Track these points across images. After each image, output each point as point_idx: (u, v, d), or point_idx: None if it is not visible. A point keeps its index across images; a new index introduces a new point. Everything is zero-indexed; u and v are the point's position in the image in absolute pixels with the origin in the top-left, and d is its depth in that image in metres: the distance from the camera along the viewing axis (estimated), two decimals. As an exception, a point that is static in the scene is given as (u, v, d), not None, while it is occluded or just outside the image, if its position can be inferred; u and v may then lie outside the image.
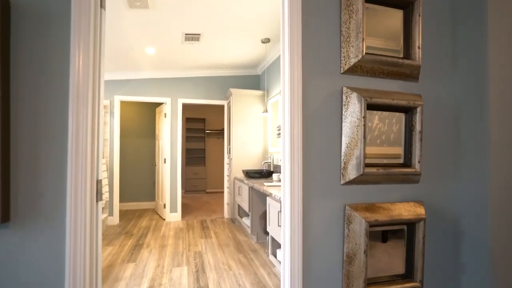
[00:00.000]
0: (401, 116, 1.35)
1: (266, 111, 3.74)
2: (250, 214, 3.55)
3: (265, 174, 3.92)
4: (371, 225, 1.21)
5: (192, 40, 3.52)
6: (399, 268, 1.33)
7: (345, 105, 1.26)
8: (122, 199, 5.68)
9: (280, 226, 2.34)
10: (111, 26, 3.04)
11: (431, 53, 1.42)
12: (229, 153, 4.69)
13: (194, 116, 8.05)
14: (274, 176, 3.65)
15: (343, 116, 1.27)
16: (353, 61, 1.24)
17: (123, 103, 5.80)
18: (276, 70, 4.22)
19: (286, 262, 1.21)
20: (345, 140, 1.26)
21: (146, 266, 2.85)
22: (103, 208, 4.40)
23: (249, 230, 3.67)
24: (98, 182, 1.10)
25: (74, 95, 1.02)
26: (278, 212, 2.36)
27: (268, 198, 2.71)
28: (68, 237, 0.98)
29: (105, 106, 4.46)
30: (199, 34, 3.38)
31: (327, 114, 1.26)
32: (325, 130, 1.26)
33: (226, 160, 5.00)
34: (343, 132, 1.27)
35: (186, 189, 7.71)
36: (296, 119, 1.21)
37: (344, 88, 1.27)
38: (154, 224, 4.50)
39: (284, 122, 1.25)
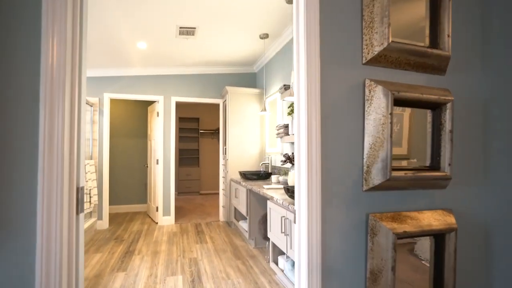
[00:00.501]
0: (424, 113, 1.20)
1: (265, 109, 3.58)
2: (248, 218, 3.38)
3: (263, 175, 3.75)
4: (399, 237, 1.06)
5: (187, 34, 3.33)
6: (425, 285, 1.18)
7: (368, 100, 1.10)
8: (112, 201, 5.43)
9: (284, 233, 2.17)
10: (99, 18, 2.83)
11: (460, 43, 1.27)
12: (225, 153, 4.51)
13: (188, 115, 7.82)
14: (273, 177, 3.48)
15: (365, 113, 1.11)
16: (377, 49, 1.08)
17: (113, 101, 5.55)
18: (274, 67, 4.06)
19: (302, 281, 1.04)
20: (368, 140, 1.10)
21: (138, 276, 2.64)
22: (91, 212, 4.17)
23: (246, 235, 3.50)
24: (79, 190, 0.91)
25: (46, 90, 0.83)
26: (283, 217, 2.19)
27: (269, 202, 2.55)
28: (39, 260, 0.79)
29: (94, 104, 4.23)
30: (194, 28, 3.19)
31: (347, 110, 1.10)
32: (345, 129, 1.10)
33: (221, 161, 4.82)
34: (365, 131, 1.11)
35: (179, 191, 7.48)
36: (313, 116, 1.04)
37: (367, 81, 1.11)
38: (146, 228, 4.29)
39: (299, 120, 1.08)
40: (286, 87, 3.30)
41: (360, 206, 1.10)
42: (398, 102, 1.10)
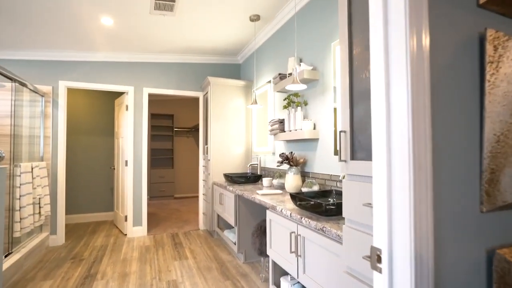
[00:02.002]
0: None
1: (255, 102, 3.11)
2: (236, 228, 2.89)
3: (252, 178, 3.28)
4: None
5: (164, 9, 2.76)
6: None
7: (492, 62, 0.68)
8: (71, 210, 4.64)
9: (295, 253, 1.72)
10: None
11: None
12: (206, 153, 3.97)
13: (161, 112, 7.12)
14: (264, 181, 3.02)
15: (486, 84, 0.68)
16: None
17: (71, 91, 4.76)
18: (264, 56, 3.60)
19: None
20: (492, 128, 0.67)
21: (100, 311, 2.05)
22: (42, 225, 3.42)
23: (234, 247, 3.00)
24: None
25: None
26: (292, 234, 1.73)
27: (269, 213, 2.08)
28: None
29: (46, 94, 3.48)
30: (173, 2, 2.64)
31: (451, 78, 0.67)
32: (448, 110, 0.66)
33: (201, 162, 4.27)
34: (486, 113, 0.68)
35: (151, 195, 6.77)
36: (421, 89, 0.59)
37: (490, 32, 0.68)
38: (113, 242, 3.62)
39: (389, 96, 0.62)
40: (282, 76, 2.85)
41: (476, 236, 0.67)
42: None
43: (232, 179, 3.22)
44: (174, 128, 7.15)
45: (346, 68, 1.19)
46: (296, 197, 1.82)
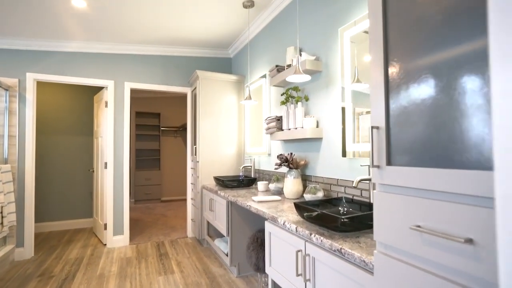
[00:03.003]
0: None
1: (249, 97, 2.80)
2: (229, 238, 2.57)
3: (245, 182, 2.97)
4: None
5: (146, -10, 2.42)
6: None
7: None
8: (44, 217, 4.22)
9: (302, 275, 1.42)
10: None
11: None
12: (195, 154, 3.63)
13: (146, 110, 6.72)
14: (259, 185, 2.72)
15: None
16: None
17: (42, 84, 4.33)
18: (259, 47, 3.29)
19: None
20: None
21: None
22: (5, 237, 3.01)
23: (226, 259, 2.69)
24: None
25: None
26: (299, 252, 1.43)
27: (268, 224, 1.78)
28: None
29: (10, 88, 3.07)
30: (157, -19, 2.30)
31: None
32: None
33: (189, 164, 3.93)
34: None
35: (136, 198, 6.36)
36: None
37: None
38: (90, 254, 3.24)
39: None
40: (280, 68, 2.56)
41: None
42: None
43: (224, 183, 2.91)
44: (161, 128, 6.77)
45: (378, 36, 0.90)
46: (301, 207, 1.52)
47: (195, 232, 3.64)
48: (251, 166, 3.33)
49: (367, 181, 1.67)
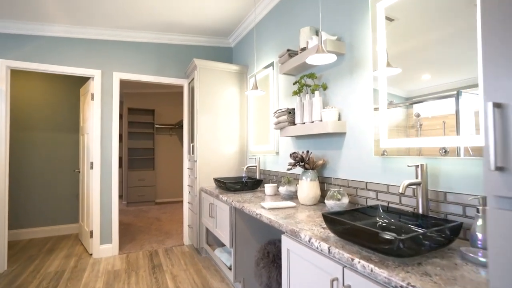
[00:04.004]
0: None
1: (256, 87, 2.44)
2: (232, 250, 2.21)
3: (250, 185, 2.61)
4: None
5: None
6: None
7: None
8: (24, 223, 3.81)
9: (339, 314, 1.07)
10: None
11: None
12: (192, 153, 3.27)
13: (140, 106, 6.33)
14: (267, 188, 2.37)
15: None
16: None
17: (17, 73, 3.90)
18: (266, 32, 2.93)
19: None
20: None
21: None
22: (-28, 248, 2.61)
23: (228, 273, 2.33)
24: None
25: None
26: (336, 282, 1.08)
27: (287, 240, 1.42)
28: None
29: (-20, 76, 2.67)
30: None
31: None
32: None
33: (186, 163, 3.56)
34: None
35: (128, 200, 5.96)
36: None
37: None
38: (73, 266, 2.85)
39: None
40: (292, 53, 2.20)
41: None
42: None
43: (225, 185, 2.54)
44: (156, 125, 6.38)
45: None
46: (335, 220, 1.17)
47: (193, 240, 3.27)
48: (255, 167, 2.98)
49: (414, 186, 1.32)
